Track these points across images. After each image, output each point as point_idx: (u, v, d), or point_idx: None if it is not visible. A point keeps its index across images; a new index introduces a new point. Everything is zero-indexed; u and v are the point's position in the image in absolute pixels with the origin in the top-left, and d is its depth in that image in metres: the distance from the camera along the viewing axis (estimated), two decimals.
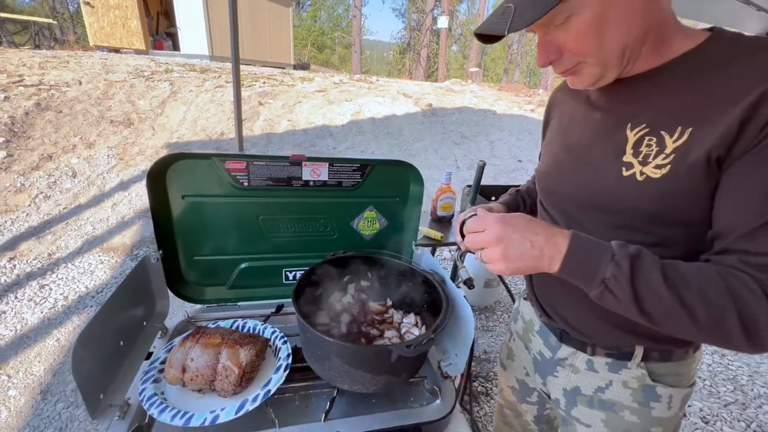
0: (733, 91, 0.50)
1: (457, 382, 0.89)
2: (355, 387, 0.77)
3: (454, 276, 1.26)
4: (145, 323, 0.92)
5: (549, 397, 0.86)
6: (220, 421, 0.68)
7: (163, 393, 0.74)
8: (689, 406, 2.14)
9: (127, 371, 0.80)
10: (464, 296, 0.90)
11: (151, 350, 0.89)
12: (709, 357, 2.57)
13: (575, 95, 0.76)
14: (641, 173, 0.58)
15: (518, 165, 6.05)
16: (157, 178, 0.91)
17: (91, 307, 2.41)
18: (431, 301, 0.94)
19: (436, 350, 0.98)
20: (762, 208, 0.49)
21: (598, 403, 0.76)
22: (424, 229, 1.75)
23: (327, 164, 1.02)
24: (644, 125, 0.59)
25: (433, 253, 1.92)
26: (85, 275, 2.69)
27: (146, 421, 0.71)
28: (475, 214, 0.67)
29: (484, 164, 1.15)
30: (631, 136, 0.60)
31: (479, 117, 7.53)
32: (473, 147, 6.38)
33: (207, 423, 0.67)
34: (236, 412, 0.69)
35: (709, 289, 0.50)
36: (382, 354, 0.71)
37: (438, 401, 0.83)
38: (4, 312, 2.28)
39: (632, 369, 0.71)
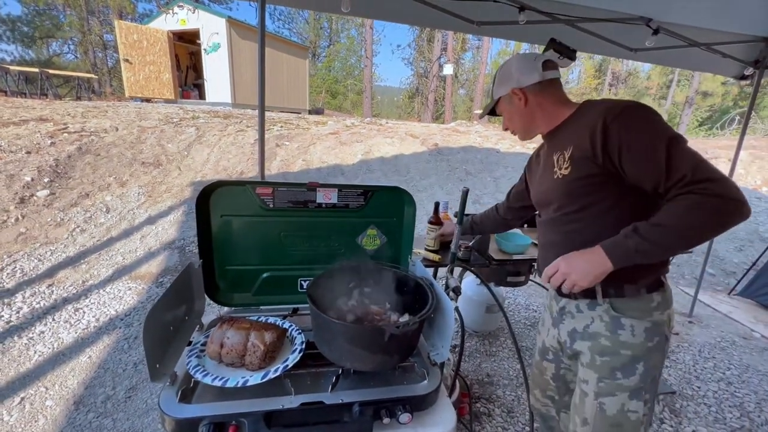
0: (584, 126, 0.98)
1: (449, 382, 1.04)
2: (357, 365, 0.95)
3: (447, 287, 1.44)
4: (186, 317, 1.13)
5: (562, 343, 1.20)
6: (249, 384, 0.86)
7: (204, 366, 0.94)
8: (694, 430, 2.15)
9: (174, 352, 1.00)
10: (456, 307, 1.09)
11: (191, 339, 1.08)
12: (716, 384, 2.58)
13: (540, 150, 1.30)
14: (561, 174, 1.05)
15: None
16: (204, 200, 1.16)
17: (120, 328, 2.61)
18: (422, 303, 1.13)
19: (426, 344, 1.14)
20: (657, 160, 0.86)
21: (587, 336, 1.09)
22: (423, 252, 1.95)
23: (337, 190, 1.26)
24: (558, 151, 1.07)
25: (435, 276, 2.09)
26: (114, 300, 2.93)
27: (191, 385, 0.90)
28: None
29: (467, 191, 1.36)
30: (555, 157, 1.08)
31: (483, 155, 7.87)
32: (478, 183, 6.66)
33: (239, 385, 0.86)
34: (262, 378, 0.88)
35: (679, 212, 0.85)
36: (376, 333, 0.90)
37: (425, 382, 0.99)
38: (43, 332, 2.50)
39: (602, 305, 1.06)
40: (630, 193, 0.96)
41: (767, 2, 2.20)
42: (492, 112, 1.30)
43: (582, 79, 22.71)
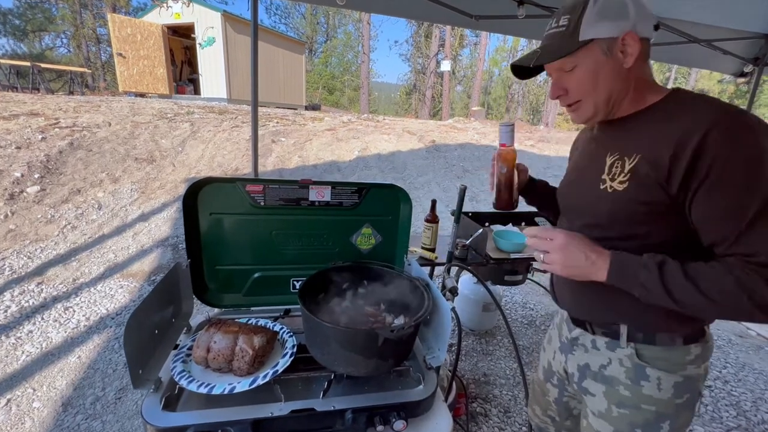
0: (667, 135, 0.71)
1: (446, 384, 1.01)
2: (350, 369, 0.92)
3: (444, 287, 1.41)
4: (173, 320, 1.08)
5: (568, 374, 1.02)
6: (236, 391, 0.83)
7: (189, 371, 0.90)
8: (691, 430, 2.15)
9: (159, 356, 0.96)
10: (453, 307, 1.05)
11: (177, 343, 1.04)
12: (712, 382, 2.57)
13: (587, 134, 1.01)
14: (611, 187, 0.80)
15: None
16: (192, 197, 1.12)
17: (111, 327, 2.56)
18: (418, 304, 1.09)
19: (422, 347, 1.11)
20: (737, 220, 0.67)
21: (601, 378, 0.92)
22: (419, 250, 1.91)
23: (330, 187, 1.22)
24: (617, 153, 0.81)
25: (431, 275, 2.06)
26: (106, 299, 2.87)
27: (176, 392, 0.86)
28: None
29: (465, 188, 1.33)
30: (608, 161, 0.82)
31: (481, 152, 7.85)
32: (475, 180, 6.63)
33: (226, 392, 0.82)
34: (250, 385, 0.84)
35: (723, 280, 0.67)
36: (370, 337, 0.86)
37: (421, 387, 0.96)
38: (31, 331, 2.45)
39: (624, 348, 0.87)
40: (686, 235, 0.75)
41: None
42: (525, 72, 0.90)
43: None
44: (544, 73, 0.90)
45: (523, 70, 0.90)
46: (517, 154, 1.10)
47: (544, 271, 0.89)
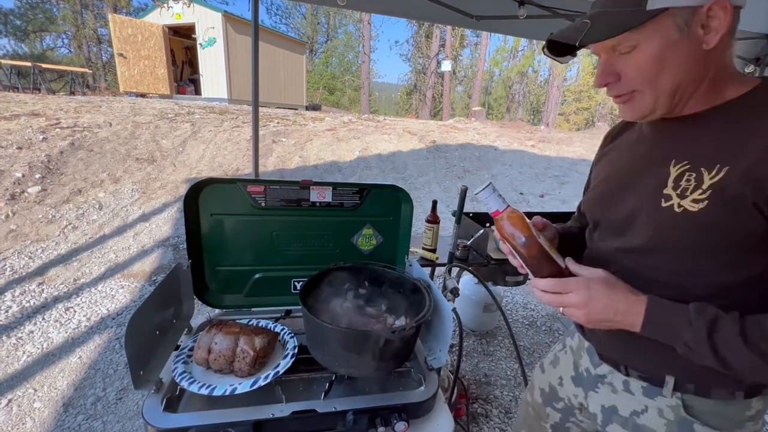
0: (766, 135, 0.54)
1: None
2: (350, 370, 0.91)
3: (445, 288, 1.41)
4: (174, 320, 1.08)
5: (586, 410, 0.88)
6: (237, 392, 0.83)
7: (190, 372, 0.90)
8: None
9: (160, 357, 0.96)
10: (454, 308, 1.05)
11: (178, 344, 1.04)
12: None
13: (630, 133, 0.81)
14: (679, 206, 0.61)
15: (520, 197, 6.23)
16: (193, 198, 1.11)
17: (112, 328, 2.56)
18: (419, 305, 1.09)
19: (423, 348, 1.11)
20: None
21: (633, 426, 0.76)
22: (420, 251, 1.91)
23: (331, 188, 1.22)
24: (686, 162, 0.63)
25: (432, 275, 2.06)
26: (106, 299, 2.87)
27: (177, 393, 0.86)
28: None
29: (466, 189, 1.33)
30: (673, 171, 0.64)
31: (481, 152, 7.84)
32: (476, 180, 6.62)
33: (227, 393, 0.82)
34: (251, 386, 0.84)
35: None
36: (371, 338, 0.86)
37: (422, 388, 0.96)
38: (32, 332, 2.45)
39: (667, 397, 0.71)
40: None
41: None
42: (563, 48, 0.68)
43: (580, 76, 22.69)
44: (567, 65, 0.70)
45: (560, 46, 0.68)
46: (520, 212, 0.78)
47: None
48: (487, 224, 2.28)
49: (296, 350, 0.98)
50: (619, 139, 0.84)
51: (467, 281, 2.79)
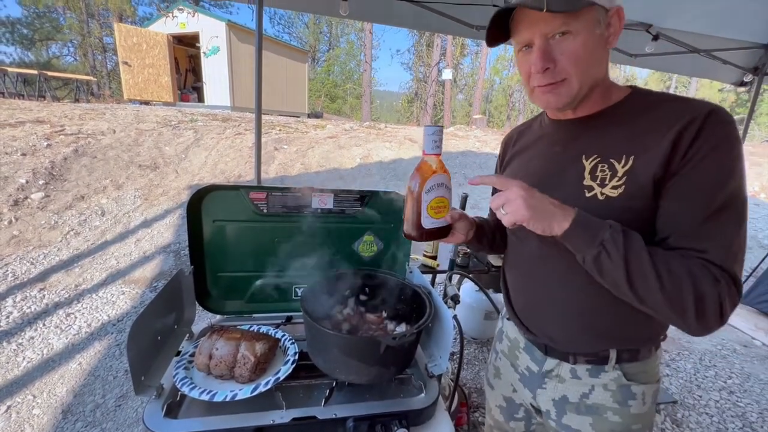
0: (659, 129, 0.67)
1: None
2: (351, 377, 0.91)
3: (445, 295, 1.41)
4: (176, 326, 1.09)
5: (539, 411, 0.94)
6: (238, 398, 0.83)
7: (191, 378, 0.90)
8: None
9: (161, 363, 0.96)
10: (455, 315, 1.05)
11: (180, 349, 1.04)
12: (717, 393, 2.55)
13: (529, 136, 0.92)
14: (602, 194, 0.72)
15: None
16: (196, 204, 1.13)
17: (112, 334, 2.56)
18: (420, 312, 1.09)
19: (424, 355, 1.11)
20: (702, 209, 0.64)
21: (585, 408, 0.84)
22: (421, 258, 1.91)
23: (332, 195, 1.23)
24: (595, 155, 0.74)
25: (433, 282, 2.06)
26: (107, 305, 2.88)
27: (177, 399, 0.86)
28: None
29: (467, 196, 1.34)
30: (587, 165, 0.75)
31: (482, 160, 7.87)
32: (476, 188, 6.63)
33: (228, 399, 0.82)
34: (252, 392, 0.84)
35: (674, 262, 0.63)
36: (372, 344, 0.87)
37: (423, 395, 0.95)
38: (33, 337, 2.45)
39: (609, 372, 0.82)
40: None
41: (767, 9, 2.20)
42: (498, 33, 0.76)
43: None
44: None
45: (497, 34, 0.76)
46: (436, 165, 0.78)
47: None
48: None
49: (297, 356, 0.98)
50: (521, 143, 0.95)
51: (468, 288, 2.79)
